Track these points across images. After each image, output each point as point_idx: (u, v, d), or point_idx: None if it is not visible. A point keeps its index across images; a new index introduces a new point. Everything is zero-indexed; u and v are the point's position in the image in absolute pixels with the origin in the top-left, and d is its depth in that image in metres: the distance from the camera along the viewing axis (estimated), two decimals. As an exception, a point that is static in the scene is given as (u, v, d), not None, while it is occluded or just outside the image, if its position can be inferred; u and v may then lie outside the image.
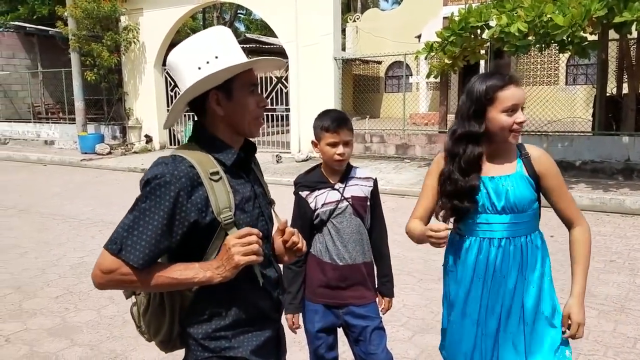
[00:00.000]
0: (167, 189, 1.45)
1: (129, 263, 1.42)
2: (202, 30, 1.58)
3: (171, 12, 14.86)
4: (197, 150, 1.55)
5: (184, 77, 1.54)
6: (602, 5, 7.38)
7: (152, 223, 1.43)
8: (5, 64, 19.06)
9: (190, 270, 1.47)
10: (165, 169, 1.47)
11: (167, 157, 1.53)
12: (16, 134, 18.73)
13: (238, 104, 1.57)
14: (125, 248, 1.42)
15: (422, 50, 10.05)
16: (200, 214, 1.49)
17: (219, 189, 1.51)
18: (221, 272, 1.46)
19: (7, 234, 6.85)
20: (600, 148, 9.80)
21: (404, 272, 5.16)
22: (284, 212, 1.71)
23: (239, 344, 1.60)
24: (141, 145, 15.63)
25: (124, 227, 1.45)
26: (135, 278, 1.44)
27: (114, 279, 1.45)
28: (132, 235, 1.43)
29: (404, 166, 11.50)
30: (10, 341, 3.84)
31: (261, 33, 31.41)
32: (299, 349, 3.62)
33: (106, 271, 1.44)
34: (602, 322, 4.01)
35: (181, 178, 1.46)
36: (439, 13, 18.73)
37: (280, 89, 13.98)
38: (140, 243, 1.42)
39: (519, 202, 2.04)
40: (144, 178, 1.49)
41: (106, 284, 1.48)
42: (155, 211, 1.44)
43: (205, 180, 1.50)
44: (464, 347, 2.17)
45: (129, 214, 1.46)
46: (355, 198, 2.45)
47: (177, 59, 1.56)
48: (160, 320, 1.61)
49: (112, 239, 1.44)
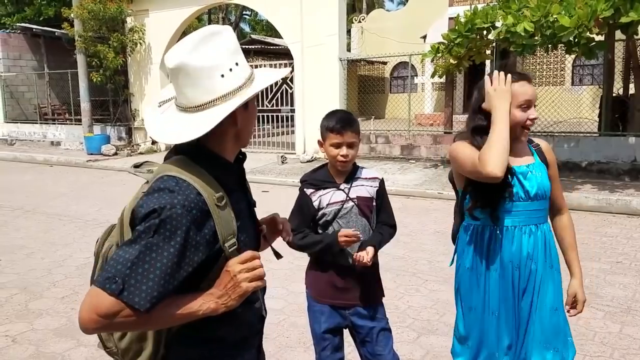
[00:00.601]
0: (178, 222, 1.26)
1: (133, 307, 1.21)
2: (208, 29, 1.38)
3: (177, 13, 14.90)
4: (196, 168, 1.37)
5: (204, 84, 1.34)
6: (608, 5, 7.35)
7: (160, 261, 1.24)
8: (11, 65, 19.16)
9: (194, 304, 1.31)
10: (174, 198, 1.28)
11: (169, 179, 1.33)
12: (23, 135, 18.82)
13: (251, 113, 1.48)
14: (127, 288, 1.21)
15: (429, 53, 10.04)
16: (209, 247, 1.33)
17: (224, 216, 1.37)
18: (225, 301, 1.33)
19: (13, 235, 6.88)
20: (606, 149, 9.76)
21: (409, 273, 5.15)
22: (289, 212, 1.70)
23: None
24: (147, 146, 15.67)
25: (125, 263, 1.22)
26: (138, 321, 1.25)
27: (113, 323, 1.24)
28: (135, 274, 1.22)
29: (409, 167, 11.48)
30: (17, 341, 3.86)
31: (266, 34, 31.45)
32: (303, 350, 3.62)
33: (105, 315, 1.22)
34: (609, 324, 3.99)
35: (192, 210, 1.29)
36: (444, 14, 18.71)
37: (285, 89, 14.00)
38: (147, 284, 1.22)
39: (546, 189, 2.15)
40: (147, 206, 1.27)
41: (102, 329, 1.28)
42: (165, 247, 1.24)
43: (212, 208, 1.33)
44: (493, 339, 2.19)
45: (128, 248, 1.24)
46: (361, 198, 2.45)
47: (193, 62, 1.32)
48: (141, 345, 1.42)
49: (110, 277, 1.22)
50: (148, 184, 1.40)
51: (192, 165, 1.37)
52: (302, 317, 3.98)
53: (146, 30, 15.40)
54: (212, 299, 1.33)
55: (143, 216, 1.27)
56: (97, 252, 1.48)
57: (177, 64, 1.33)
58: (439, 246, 5.88)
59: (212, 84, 1.34)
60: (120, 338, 1.43)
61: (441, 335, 3.84)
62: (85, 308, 1.24)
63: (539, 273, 2.14)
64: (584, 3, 7.51)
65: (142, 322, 1.27)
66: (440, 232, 6.59)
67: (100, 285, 1.22)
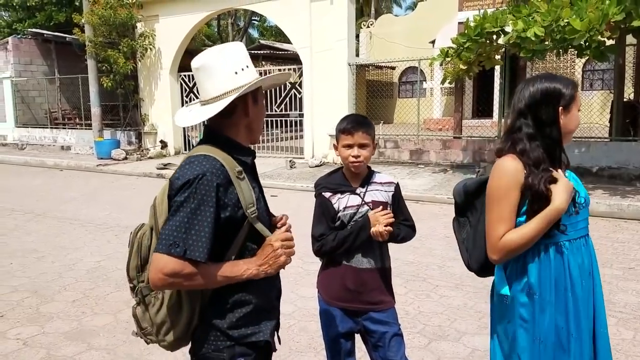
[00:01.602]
0: (210, 185, 1.54)
1: (196, 260, 1.51)
2: (225, 44, 1.74)
3: (186, 19, 15.00)
4: (218, 150, 1.65)
5: (221, 79, 1.64)
6: (619, 9, 7.32)
7: (205, 219, 1.53)
8: (23, 70, 19.34)
9: (239, 267, 1.61)
10: (203, 167, 1.57)
11: (198, 156, 1.62)
12: (33, 140, 18.99)
13: (260, 108, 1.76)
14: (189, 248, 1.51)
15: (438, 57, 10.02)
16: (234, 209, 1.60)
17: (244, 186, 1.64)
18: (265, 269, 1.64)
19: (24, 238, 6.92)
20: (617, 154, 9.69)
21: (420, 279, 5.12)
22: (298, 216, 1.76)
23: (260, 329, 1.71)
24: (156, 150, 15.74)
25: (179, 229, 1.51)
26: (198, 277, 1.54)
27: (176, 280, 1.53)
28: (190, 235, 1.51)
29: (418, 172, 11.45)
30: (28, 345, 3.87)
31: (275, 40, 31.57)
32: (314, 354, 3.61)
33: (171, 274, 1.51)
34: (622, 330, 3.95)
35: (220, 175, 1.58)
36: (453, 18, 18.68)
37: (294, 94, 14.03)
38: (202, 239, 1.52)
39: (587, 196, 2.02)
40: (181, 178, 1.56)
41: (169, 285, 1.56)
42: (205, 208, 1.53)
43: (233, 179, 1.61)
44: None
45: (175, 217, 1.53)
46: (376, 203, 2.43)
47: (213, 61, 1.65)
48: (177, 317, 1.65)
49: (171, 243, 1.50)
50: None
51: (214, 148, 1.65)
52: (312, 321, 3.97)
53: (156, 35, 15.50)
54: (254, 265, 1.63)
55: (180, 186, 1.55)
56: (132, 240, 1.74)
57: (199, 64, 1.66)
58: (450, 251, 5.85)
59: (226, 79, 1.64)
60: (157, 311, 1.66)
61: (452, 341, 3.81)
62: (154, 271, 1.53)
63: (596, 286, 1.97)
64: (595, 7, 7.48)
65: (202, 277, 1.54)
66: (451, 237, 6.53)
67: (165, 251, 1.51)
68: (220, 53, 1.66)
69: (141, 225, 1.75)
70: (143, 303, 1.70)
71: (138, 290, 1.70)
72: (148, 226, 1.70)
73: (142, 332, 1.72)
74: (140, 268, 1.69)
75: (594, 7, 7.50)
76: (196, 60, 1.67)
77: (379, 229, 2.32)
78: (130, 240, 1.73)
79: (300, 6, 13.05)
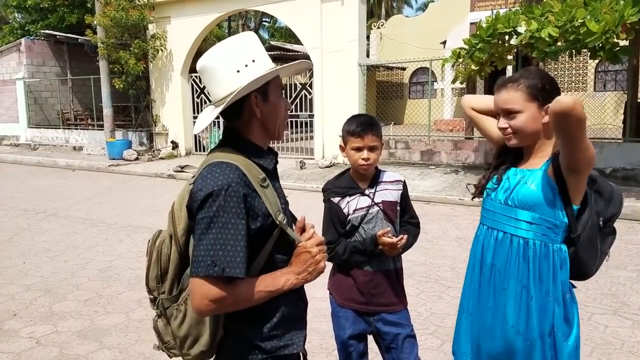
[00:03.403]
0: (237, 197, 1.44)
1: (237, 277, 1.41)
2: (232, 37, 1.60)
3: (198, 20, 15.05)
4: (237, 155, 1.54)
5: (221, 80, 1.53)
6: (635, 10, 7.23)
7: (240, 233, 1.43)
8: (35, 71, 19.50)
9: (279, 280, 1.52)
10: (227, 178, 1.45)
11: (220, 164, 1.50)
12: (46, 140, 19.13)
13: (273, 106, 1.60)
14: (227, 265, 1.40)
15: (450, 58, 9.97)
16: (264, 218, 1.51)
17: (269, 194, 1.54)
18: (305, 277, 1.56)
19: (37, 238, 6.97)
20: (631, 155, 9.59)
21: (431, 280, 5.10)
22: (309, 217, 1.71)
23: (292, 341, 1.62)
24: (168, 151, 15.81)
25: (215, 247, 1.40)
26: (243, 296, 1.45)
27: (223, 304, 1.44)
28: (227, 252, 1.41)
29: (429, 172, 11.41)
30: (41, 343, 3.89)
31: (285, 41, 31.59)
32: (325, 355, 3.59)
33: (218, 299, 1.42)
34: (637, 333, 3.90)
35: (246, 185, 1.48)
36: (464, 19, 18.61)
37: (304, 95, 14.03)
38: (239, 255, 1.42)
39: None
40: (204, 189, 1.44)
41: (216, 310, 1.46)
42: (237, 221, 1.43)
43: (257, 187, 1.51)
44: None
45: (208, 235, 1.41)
46: (386, 203, 2.42)
47: (213, 63, 1.54)
48: (200, 329, 1.55)
49: (210, 263, 1.39)
50: (194, 177, 1.55)
51: (234, 152, 1.54)
52: (323, 322, 3.95)
53: (167, 37, 15.57)
54: (293, 275, 1.54)
55: (203, 198, 1.43)
56: (150, 248, 1.62)
57: (200, 66, 1.56)
58: (461, 252, 5.82)
59: (228, 79, 1.52)
60: (179, 325, 1.56)
61: (465, 342, 3.77)
62: (199, 298, 1.42)
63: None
64: (610, 8, 7.40)
65: (244, 292, 1.45)
66: (462, 238, 6.52)
67: (204, 273, 1.40)
68: (222, 51, 1.54)
69: (159, 232, 1.63)
70: (164, 316, 1.60)
71: (159, 303, 1.60)
72: (167, 233, 1.59)
73: (165, 346, 1.63)
74: (160, 279, 1.59)
75: (609, 7, 7.43)
76: (199, 62, 1.58)
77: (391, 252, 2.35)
78: (148, 249, 1.62)
79: (310, 7, 13.05)
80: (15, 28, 24.07)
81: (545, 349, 1.94)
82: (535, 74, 1.97)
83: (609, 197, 2.02)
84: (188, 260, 1.53)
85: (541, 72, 2.01)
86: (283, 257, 1.59)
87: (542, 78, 1.95)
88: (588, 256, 1.97)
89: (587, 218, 1.94)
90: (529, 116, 1.93)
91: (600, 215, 1.97)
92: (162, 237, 1.60)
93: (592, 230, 1.95)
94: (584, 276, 2.03)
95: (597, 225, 1.96)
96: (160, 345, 1.64)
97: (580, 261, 1.97)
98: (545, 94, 1.92)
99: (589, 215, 1.94)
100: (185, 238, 1.55)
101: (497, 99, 2.00)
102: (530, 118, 1.93)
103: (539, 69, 2.11)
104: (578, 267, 1.98)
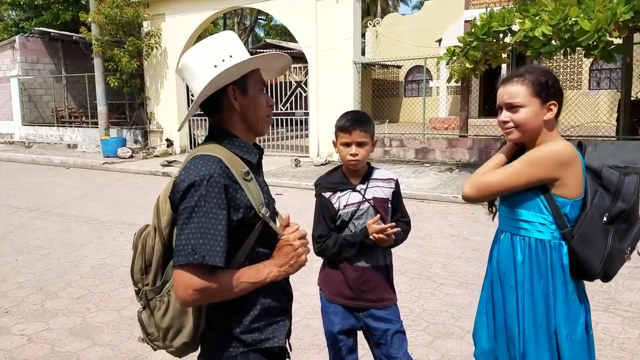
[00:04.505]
0: (219, 187, 1.45)
1: (216, 265, 1.42)
2: (211, 35, 1.64)
3: (192, 18, 15.01)
4: (223, 149, 1.56)
5: (200, 75, 1.55)
6: (628, 8, 7.26)
7: (220, 223, 1.44)
8: (29, 68, 19.43)
9: (262, 271, 1.53)
10: (209, 168, 1.47)
11: (203, 156, 1.52)
12: (40, 138, 19.07)
13: (252, 100, 1.62)
14: (207, 254, 1.41)
15: (444, 56, 9.99)
16: (246, 210, 1.52)
17: (252, 187, 1.55)
18: (287, 269, 1.58)
19: (30, 235, 6.95)
20: (624, 153, 9.64)
21: (424, 277, 5.11)
22: (303, 216, 1.72)
23: (274, 334, 1.63)
24: (162, 149, 15.78)
25: (195, 235, 1.42)
26: (225, 285, 1.46)
27: (207, 294, 1.45)
28: (206, 241, 1.42)
29: (423, 170, 11.42)
30: (33, 340, 3.88)
31: (281, 39, 31.58)
32: (317, 352, 3.60)
33: (199, 289, 1.43)
34: (627, 329, 3.92)
35: (228, 177, 1.49)
36: (460, 17, 18.63)
37: (299, 93, 14.03)
38: (219, 244, 1.43)
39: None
40: (186, 180, 1.46)
41: (200, 301, 1.47)
42: (217, 211, 1.44)
43: (240, 180, 1.53)
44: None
45: (189, 224, 1.43)
46: (377, 199, 2.43)
47: (191, 60, 1.57)
48: (182, 321, 1.56)
49: (190, 251, 1.41)
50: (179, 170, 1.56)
51: (219, 147, 1.57)
52: (316, 319, 3.96)
53: (162, 34, 15.53)
54: (275, 267, 1.56)
55: (185, 188, 1.45)
56: (135, 241, 1.65)
57: (181, 64, 1.61)
58: (454, 250, 5.83)
59: (205, 72, 1.54)
60: (162, 316, 1.57)
61: (457, 339, 3.79)
62: (182, 288, 1.43)
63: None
64: (603, 6, 7.42)
65: (226, 282, 1.46)
66: (456, 235, 6.54)
67: (184, 261, 1.41)
68: (200, 48, 1.58)
69: (145, 226, 1.66)
70: (148, 307, 1.62)
71: (143, 294, 1.62)
72: (152, 226, 1.61)
73: (149, 338, 1.64)
74: (145, 270, 1.61)
75: (602, 5, 7.45)
76: (180, 60, 1.62)
77: (382, 236, 2.32)
78: (134, 242, 1.64)
79: (306, 5, 13.03)
80: (9, 25, 23.99)
81: (552, 347, 1.96)
82: (540, 71, 2.02)
83: (616, 191, 1.99)
84: (172, 252, 1.52)
85: (546, 69, 2.06)
86: (265, 251, 1.61)
87: (546, 75, 2.00)
88: (586, 253, 1.93)
89: (585, 213, 1.95)
90: (532, 111, 1.97)
91: (605, 211, 1.96)
92: (148, 230, 1.62)
93: (590, 226, 1.93)
94: (589, 275, 1.99)
95: (598, 221, 1.94)
96: (144, 337, 1.66)
97: (578, 258, 1.95)
98: (548, 90, 1.97)
99: (587, 210, 1.95)
100: (168, 230, 1.56)
101: (501, 93, 2.03)
102: (533, 113, 1.97)
103: (544, 66, 2.16)
104: (578, 265, 1.96)
